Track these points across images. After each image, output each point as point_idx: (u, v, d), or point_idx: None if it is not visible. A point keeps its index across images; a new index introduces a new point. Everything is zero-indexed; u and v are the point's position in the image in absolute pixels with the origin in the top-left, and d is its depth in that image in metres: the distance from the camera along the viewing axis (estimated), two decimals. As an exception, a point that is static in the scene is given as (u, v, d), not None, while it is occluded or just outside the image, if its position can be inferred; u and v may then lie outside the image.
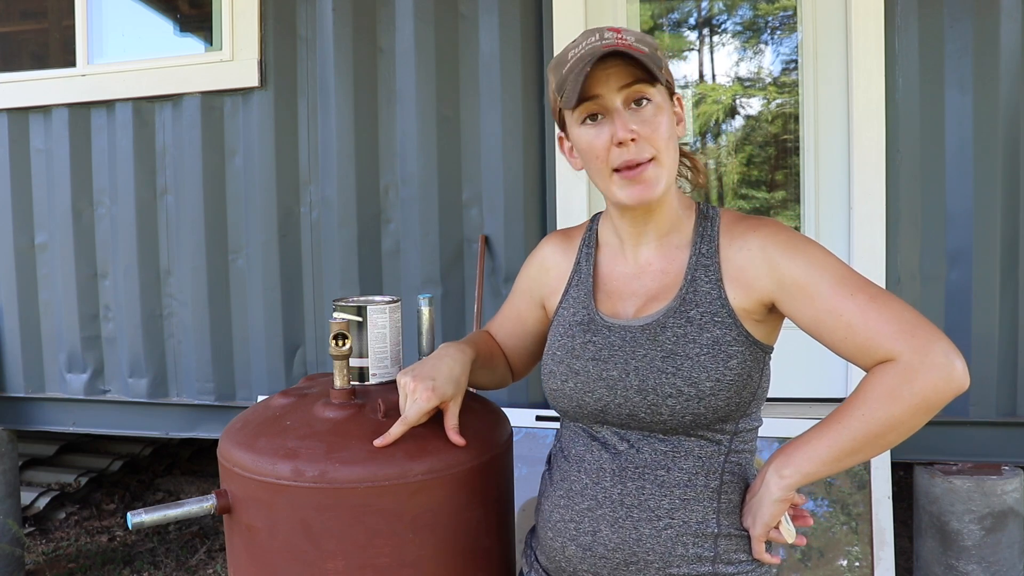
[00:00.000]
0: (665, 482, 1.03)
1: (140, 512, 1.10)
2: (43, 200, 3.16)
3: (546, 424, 2.55)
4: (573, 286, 1.17)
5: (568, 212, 2.62)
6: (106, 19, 3.14)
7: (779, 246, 1.02)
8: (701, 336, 1.02)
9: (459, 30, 2.74)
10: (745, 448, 1.08)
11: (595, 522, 1.06)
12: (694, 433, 1.04)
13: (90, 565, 3.28)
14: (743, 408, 1.05)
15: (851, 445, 0.95)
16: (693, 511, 1.03)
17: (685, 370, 1.01)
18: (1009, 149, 2.40)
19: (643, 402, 1.03)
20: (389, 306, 1.28)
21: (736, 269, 1.05)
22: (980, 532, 2.27)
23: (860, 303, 0.96)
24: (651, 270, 1.11)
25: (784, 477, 0.99)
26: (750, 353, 1.03)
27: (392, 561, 1.08)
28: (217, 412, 3.02)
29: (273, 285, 2.93)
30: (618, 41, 1.02)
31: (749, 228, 1.07)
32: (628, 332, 1.07)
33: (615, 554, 1.04)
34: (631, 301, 1.11)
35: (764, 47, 2.75)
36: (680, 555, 1.02)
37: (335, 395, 1.17)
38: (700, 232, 1.09)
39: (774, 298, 1.02)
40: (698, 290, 1.05)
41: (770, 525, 1.02)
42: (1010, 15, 2.37)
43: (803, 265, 1.00)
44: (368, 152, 2.84)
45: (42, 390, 3.21)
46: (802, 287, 1.00)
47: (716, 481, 1.04)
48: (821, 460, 0.97)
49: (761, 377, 1.06)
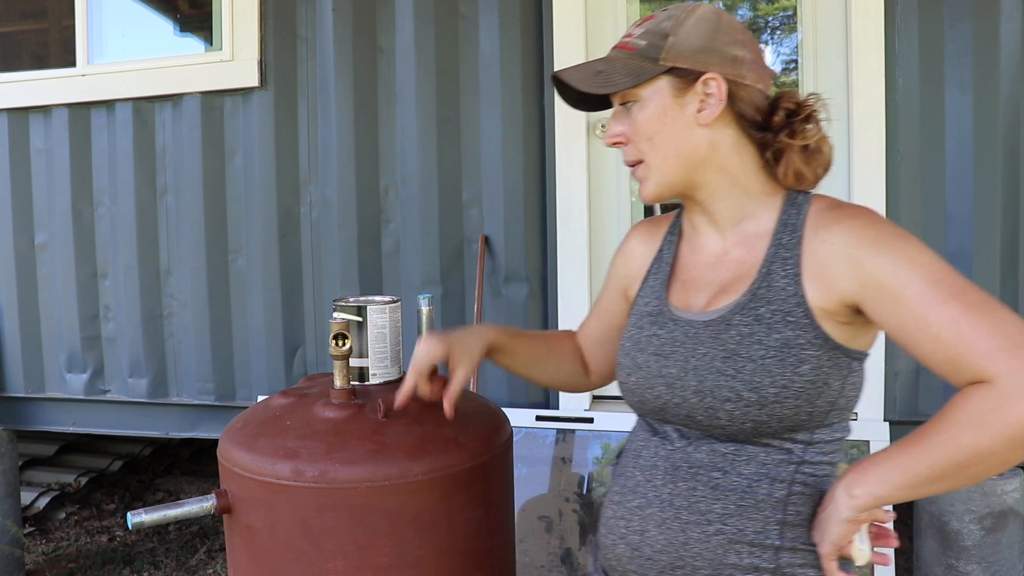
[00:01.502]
0: (720, 485, 0.96)
1: (140, 512, 1.10)
2: (43, 200, 3.16)
3: (546, 424, 2.55)
4: (652, 275, 1.12)
5: (568, 212, 2.62)
6: (106, 19, 3.14)
7: (865, 241, 0.91)
8: (769, 337, 0.94)
9: (459, 30, 2.74)
10: (824, 460, 0.98)
11: (644, 521, 1.00)
12: (759, 440, 0.96)
13: (90, 565, 3.28)
14: (818, 418, 0.95)
15: (929, 473, 0.84)
16: (751, 519, 0.95)
17: (747, 373, 0.93)
18: (1009, 149, 2.40)
19: (700, 404, 0.96)
20: (389, 306, 1.28)
21: (818, 264, 0.94)
22: (980, 532, 2.27)
23: (953, 312, 0.84)
24: (728, 259, 1.03)
25: (854, 497, 0.89)
26: (828, 358, 0.93)
27: (392, 561, 1.08)
28: (217, 412, 3.02)
29: (273, 285, 2.93)
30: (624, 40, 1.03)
31: (836, 219, 0.95)
32: (692, 327, 1.01)
33: (661, 556, 0.98)
34: (703, 292, 1.04)
35: (764, 47, 2.75)
36: (733, 564, 0.95)
37: (335, 395, 1.17)
38: (784, 220, 1.00)
39: (857, 300, 0.91)
40: (772, 285, 0.96)
41: (838, 545, 0.92)
42: (1010, 15, 2.37)
43: (890, 264, 0.88)
44: (368, 152, 2.84)
45: (42, 390, 3.21)
46: (887, 290, 0.88)
47: (783, 491, 0.95)
48: (895, 485, 0.87)
49: (844, 385, 0.95)
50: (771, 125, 1.01)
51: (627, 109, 1.03)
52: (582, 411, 2.59)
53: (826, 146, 1.02)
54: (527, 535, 2.47)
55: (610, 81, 1.00)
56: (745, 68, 1.00)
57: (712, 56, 0.99)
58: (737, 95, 1.00)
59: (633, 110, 1.02)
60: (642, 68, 1.00)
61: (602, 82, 1.01)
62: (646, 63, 1.00)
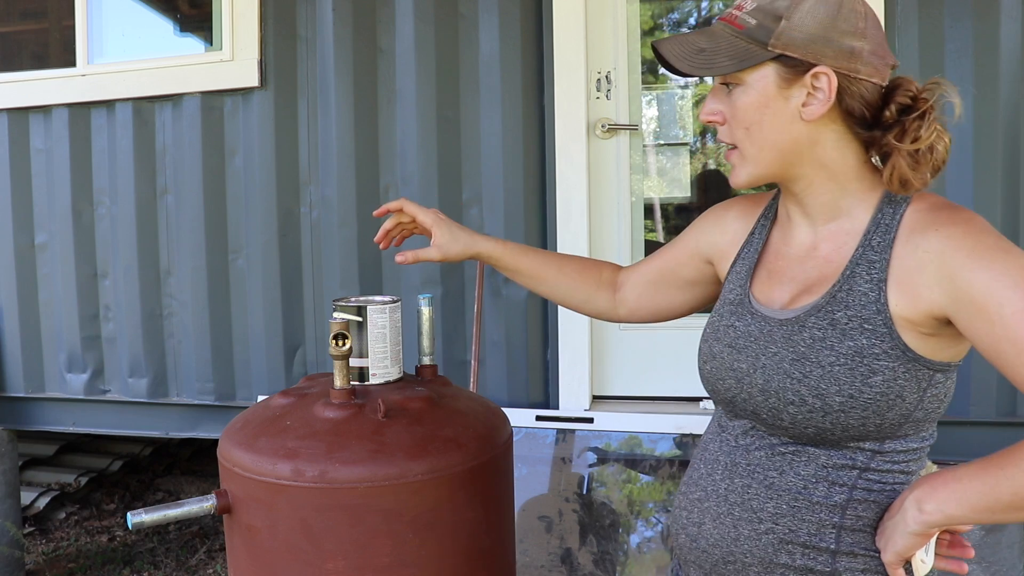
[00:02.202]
0: (775, 485, 0.95)
1: (140, 512, 1.10)
2: (43, 200, 3.16)
3: (546, 424, 2.55)
4: (740, 259, 1.09)
5: (568, 212, 2.62)
6: (106, 19, 3.14)
7: (962, 252, 0.85)
8: (842, 343, 0.90)
9: (459, 30, 2.74)
10: (894, 468, 0.93)
11: (701, 514, 1.01)
12: (822, 444, 0.93)
13: (90, 565, 3.28)
14: (888, 430, 0.91)
15: (1011, 499, 0.80)
16: (804, 521, 0.93)
17: (813, 379, 0.90)
18: (1009, 149, 2.40)
19: (765, 403, 0.95)
20: (389, 306, 1.28)
21: (905, 271, 0.89)
22: (980, 532, 2.27)
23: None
24: (817, 255, 0.98)
25: (924, 512, 0.85)
26: (905, 370, 0.88)
27: (392, 561, 1.08)
28: (217, 412, 3.02)
29: (273, 285, 2.93)
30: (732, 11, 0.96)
31: (934, 223, 0.90)
32: (767, 324, 0.98)
33: (715, 550, 0.99)
34: (788, 287, 1.00)
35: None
36: (784, 564, 0.94)
37: (335, 395, 1.17)
38: (878, 220, 0.94)
39: (948, 313, 0.86)
40: (854, 289, 0.92)
41: (903, 555, 0.89)
42: (1010, 15, 2.37)
43: (986, 280, 0.82)
44: (368, 152, 2.84)
45: (42, 390, 3.21)
46: (981, 306, 0.82)
47: (842, 495, 0.92)
48: (971, 506, 0.83)
49: (923, 398, 0.90)
50: (881, 121, 0.94)
51: (728, 88, 0.97)
52: (582, 411, 2.59)
53: (941, 144, 0.95)
54: (527, 535, 2.47)
55: (712, 63, 0.94)
56: (861, 62, 0.92)
57: (827, 47, 0.91)
58: (848, 90, 0.93)
59: (735, 92, 0.96)
60: (748, 51, 0.92)
61: (704, 63, 0.94)
62: (753, 46, 0.92)
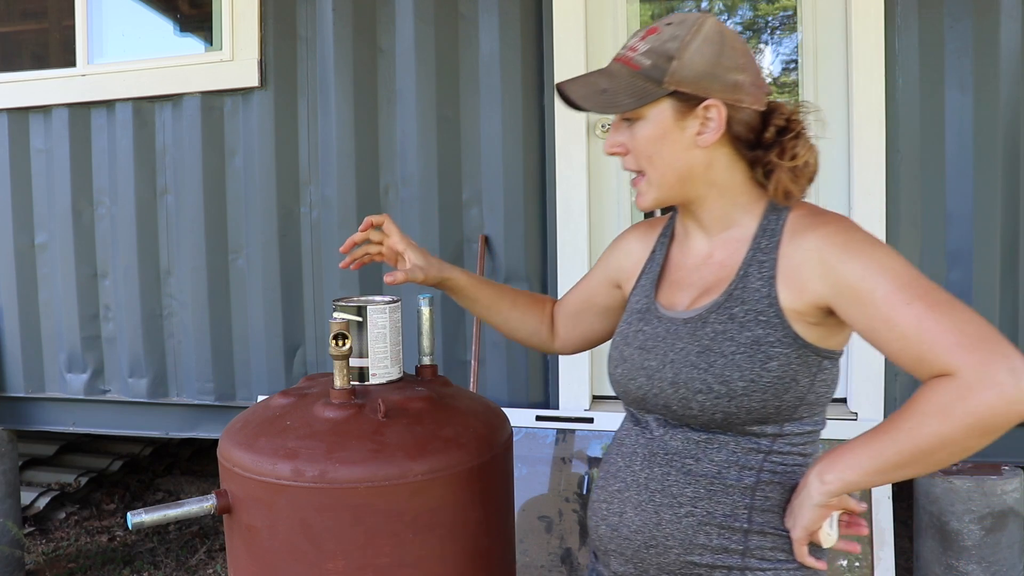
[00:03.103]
0: (692, 471, 1.03)
1: (140, 512, 1.10)
2: (43, 200, 3.16)
3: (546, 424, 2.55)
4: (644, 274, 1.20)
5: (568, 212, 2.62)
6: (106, 19, 3.14)
7: (837, 247, 0.97)
8: (740, 334, 1.00)
9: (459, 30, 2.74)
10: (793, 451, 1.04)
11: (622, 503, 1.07)
12: (729, 430, 1.02)
13: (90, 565, 3.28)
14: (786, 412, 1.01)
15: (896, 459, 0.91)
16: (719, 503, 1.02)
17: (717, 368, 1.00)
18: (1009, 149, 2.40)
19: (675, 395, 1.03)
20: (389, 306, 1.28)
21: (791, 268, 1.01)
22: (980, 532, 2.27)
23: (918, 312, 0.90)
24: (711, 262, 1.10)
25: (825, 483, 0.95)
26: (797, 356, 0.99)
27: (392, 561, 1.08)
28: (217, 412, 3.02)
29: (273, 285, 2.93)
30: (626, 53, 1.06)
31: (811, 225, 1.02)
32: (673, 324, 1.08)
33: (637, 536, 1.05)
34: (688, 292, 1.11)
35: (764, 47, 2.75)
36: (702, 544, 1.02)
37: (335, 395, 1.17)
38: (764, 226, 1.06)
39: (829, 302, 0.97)
40: (747, 287, 1.03)
41: (809, 529, 0.98)
42: (1010, 15, 2.37)
43: (859, 269, 0.95)
44: (368, 152, 2.84)
45: (42, 390, 3.21)
46: (856, 293, 0.94)
47: (751, 478, 1.02)
48: (864, 470, 0.93)
49: (814, 382, 1.01)
50: (762, 142, 1.06)
51: (628, 123, 1.07)
52: (582, 411, 2.59)
53: (813, 158, 1.07)
54: (527, 535, 2.47)
55: (614, 102, 1.04)
56: (744, 92, 1.04)
57: (714, 82, 1.02)
58: (734, 118, 1.04)
59: (636, 126, 1.06)
60: (645, 90, 1.03)
61: (606, 102, 1.05)
62: (649, 84, 1.03)
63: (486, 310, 1.35)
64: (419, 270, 1.28)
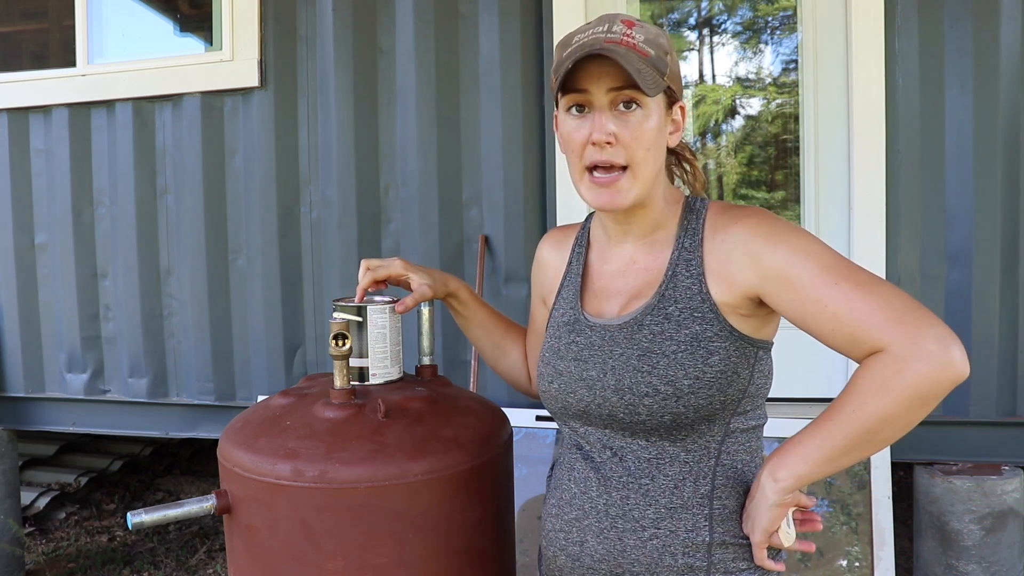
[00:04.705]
0: (649, 491, 1.01)
1: (140, 512, 1.10)
2: (43, 200, 3.16)
3: (546, 424, 2.55)
4: (564, 286, 1.17)
5: (568, 212, 2.62)
6: (106, 19, 3.14)
7: (760, 237, 0.98)
8: (679, 333, 1.00)
9: (459, 30, 2.74)
10: (741, 449, 1.04)
11: (582, 532, 1.05)
12: (678, 436, 1.01)
13: (90, 565, 3.28)
14: (731, 406, 1.01)
15: (844, 443, 0.90)
16: (681, 520, 1.00)
17: (661, 368, 0.98)
18: (1009, 149, 2.40)
19: (620, 402, 1.01)
20: (389, 306, 1.28)
21: (718, 263, 1.01)
22: (980, 532, 2.27)
23: (845, 291, 0.91)
24: (635, 268, 1.09)
25: (778, 480, 0.94)
26: (735, 349, 0.99)
27: (392, 561, 1.08)
28: (217, 412, 3.02)
29: (273, 285, 2.93)
30: (624, 38, 0.97)
31: (732, 220, 1.03)
32: (608, 331, 1.06)
33: (601, 565, 1.03)
34: (616, 300, 1.09)
35: (764, 47, 2.75)
36: (668, 566, 1.00)
37: (335, 395, 1.17)
38: (685, 226, 1.06)
39: (759, 291, 0.98)
40: (678, 286, 1.02)
41: (769, 531, 0.97)
42: (1010, 15, 2.37)
43: (785, 255, 0.96)
44: (368, 152, 2.84)
45: (42, 390, 3.21)
46: (785, 278, 0.95)
47: (707, 486, 1.01)
48: (815, 461, 0.92)
49: (753, 373, 1.02)
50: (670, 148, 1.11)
51: (625, 112, 1.00)
52: (582, 411, 2.59)
53: None
54: (527, 535, 2.47)
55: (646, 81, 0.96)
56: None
57: (679, 84, 1.07)
58: None
59: (636, 115, 0.99)
60: (655, 78, 0.98)
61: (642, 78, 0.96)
62: (656, 74, 0.99)
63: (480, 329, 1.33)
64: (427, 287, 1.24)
